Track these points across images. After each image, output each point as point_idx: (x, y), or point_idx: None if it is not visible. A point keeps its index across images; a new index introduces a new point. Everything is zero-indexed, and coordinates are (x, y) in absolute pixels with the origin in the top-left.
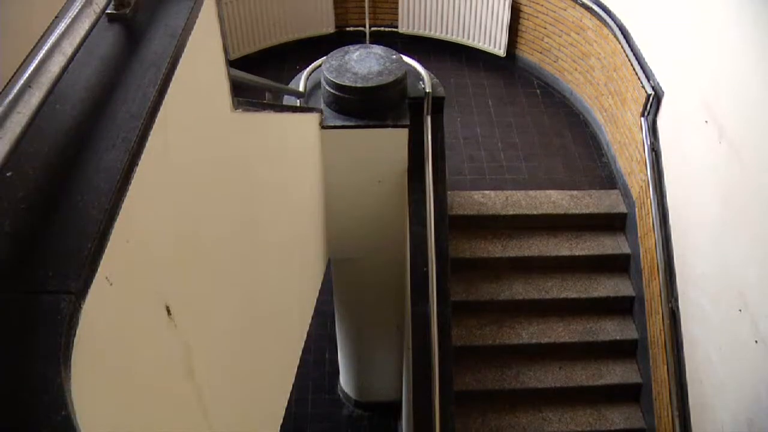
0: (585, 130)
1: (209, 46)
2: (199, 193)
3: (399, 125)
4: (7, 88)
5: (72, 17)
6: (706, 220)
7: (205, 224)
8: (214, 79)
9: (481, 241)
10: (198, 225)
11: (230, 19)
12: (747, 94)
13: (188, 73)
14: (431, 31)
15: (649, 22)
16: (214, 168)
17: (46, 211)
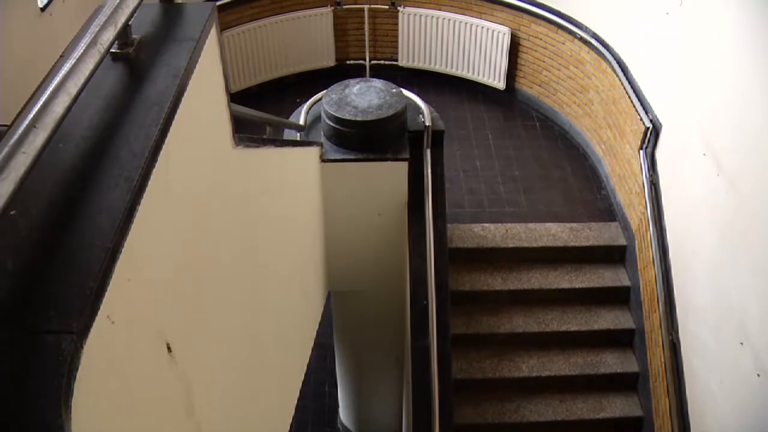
0: (584, 163)
1: (211, 85)
2: (199, 230)
3: (399, 158)
4: (13, 128)
5: (77, 57)
6: (705, 252)
7: (206, 260)
8: (216, 117)
9: (481, 274)
10: (198, 261)
11: (231, 52)
12: (744, 127)
13: (190, 112)
14: (431, 64)
15: (647, 55)
16: (215, 204)
17: (49, 249)
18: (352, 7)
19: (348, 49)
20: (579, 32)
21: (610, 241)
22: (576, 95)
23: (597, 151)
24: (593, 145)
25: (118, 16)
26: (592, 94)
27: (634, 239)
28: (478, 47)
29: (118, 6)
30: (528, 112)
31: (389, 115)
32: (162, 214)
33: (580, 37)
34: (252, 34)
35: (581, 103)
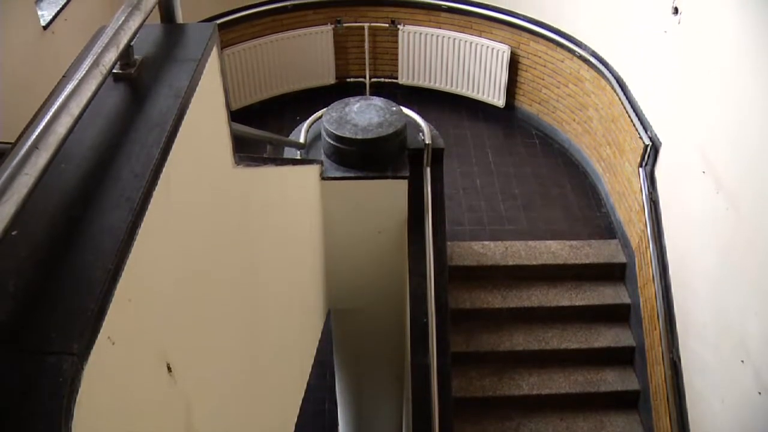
0: (584, 180)
1: (212, 105)
2: (200, 249)
3: (399, 176)
4: (15, 149)
5: (79, 78)
6: (705, 269)
7: (206, 279)
8: (217, 137)
9: (480, 292)
10: (199, 280)
11: (232, 70)
12: (743, 144)
13: (191, 132)
14: (431, 82)
15: (646, 73)
16: (215, 223)
17: (50, 270)
18: (353, 25)
19: (348, 66)
20: (578, 50)
21: (610, 258)
22: (575, 113)
23: (597, 169)
24: (593, 162)
25: (120, 38)
26: (592, 111)
27: (634, 257)
28: (477, 65)
29: (120, 27)
30: (528, 129)
31: (389, 133)
32: (163, 234)
33: (579, 55)
34: (253, 52)
35: (581, 121)
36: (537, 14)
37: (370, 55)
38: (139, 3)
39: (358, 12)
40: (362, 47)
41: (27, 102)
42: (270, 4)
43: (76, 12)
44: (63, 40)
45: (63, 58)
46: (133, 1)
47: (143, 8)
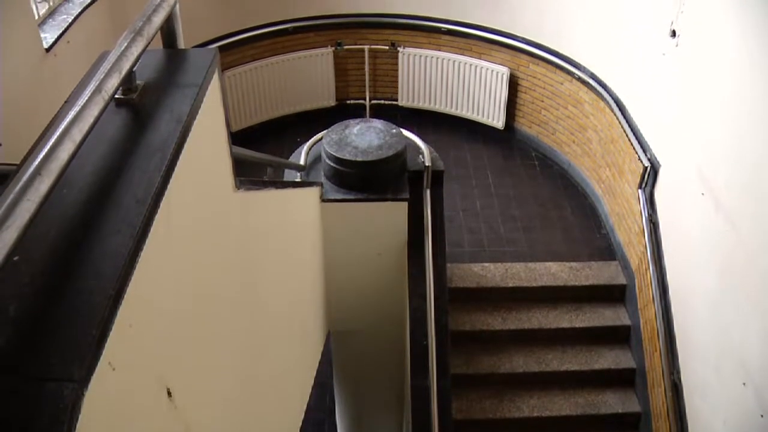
0: (584, 202)
1: (213, 130)
2: (200, 273)
3: (399, 199)
4: (18, 175)
5: (82, 104)
6: (705, 291)
7: (206, 303)
8: (218, 162)
9: (480, 314)
10: (199, 303)
11: (232, 91)
12: (742, 166)
13: (192, 158)
14: (430, 104)
15: (645, 95)
16: (216, 247)
17: (52, 296)
18: (353, 47)
19: (348, 88)
20: (577, 72)
21: (610, 280)
22: (575, 134)
23: (596, 190)
24: (592, 184)
25: (122, 63)
26: (591, 133)
27: (634, 278)
28: (477, 87)
29: (122, 53)
30: (527, 151)
31: (389, 155)
32: (163, 260)
33: (578, 77)
34: (253, 74)
35: (580, 143)
36: (536, 36)
37: (371, 77)
38: (142, 29)
39: (359, 34)
40: (362, 69)
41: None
42: (271, 26)
43: (78, 35)
44: (65, 63)
45: (65, 79)
46: (136, 27)
47: (145, 34)
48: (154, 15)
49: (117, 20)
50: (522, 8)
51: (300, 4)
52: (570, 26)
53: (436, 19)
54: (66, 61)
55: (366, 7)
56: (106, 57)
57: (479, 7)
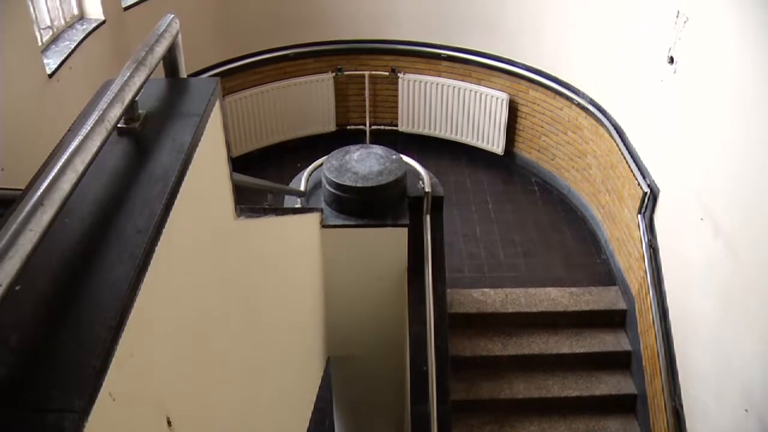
0: (583, 227)
1: (214, 159)
2: (201, 301)
3: (399, 224)
4: (21, 205)
5: (84, 134)
6: (706, 316)
7: (206, 330)
8: (219, 190)
9: (481, 339)
10: (199, 332)
11: (233, 116)
12: (741, 191)
13: (194, 187)
14: (430, 129)
15: (644, 121)
16: (216, 276)
17: (53, 326)
18: (353, 73)
19: (348, 114)
20: (576, 98)
21: (610, 305)
22: (574, 160)
23: (596, 215)
24: (592, 209)
25: (125, 93)
26: (590, 158)
27: (634, 303)
28: (477, 113)
29: (125, 83)
30: (527, 176)
31: (389, 181)
32: (164, 289)
33: (577, 102)
34: (254, 99)
35: (580, 168)
36: (535, 63)
37: (371, 102)
38: (144, 59)
39: (359, 60)
40: (363, 95)
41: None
42: (272, 52)
43: (80, 60)
44: (67, 88)
45: (67, 105)
46: (139, 57)
47: (148, 64)
48: (157, 45)
49: (119, 46)
50: (521, 35)
51: (300, 30)
52: (569, 52)
53: (435, 46)
54: (68, 87)
55: (366, 33)
56: (109, 87)
57: (479, 34)
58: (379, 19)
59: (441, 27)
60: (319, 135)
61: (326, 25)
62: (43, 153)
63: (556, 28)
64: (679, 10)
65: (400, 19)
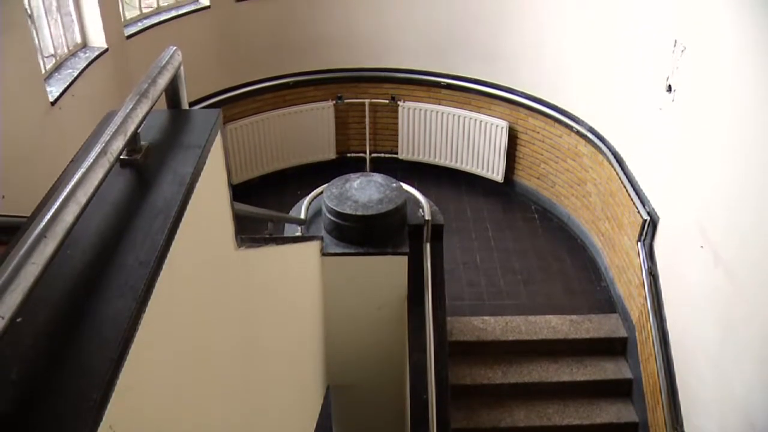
0: (583, 254)
1: (215, 190)
2: (201, 332)
3: (399, 252)
4: (23, 237)
5: (87, 167)
6: (707, 343)
7: (206, 361)
8: (219, 222)
9: (481, 368)
10: (199, 362)
11: (234, 144)
12: (740, 219)
13: (195, 219)
14: (430, 157)
15: (643, 149)
16: (217, 306)
17: (54, 359)
18: (353, 101)
19: (349, 142)
20: (576, 126)
21: (610, 333)
22: (574, 187)
23: (596, 243)
24: (592, 236)
25: (128, 126)
26: (590, 186)
27: (635, 331)
28: (476, 140)
29: (128, 116)
30: (527, 204)
31: (389, 209)
32: (165, 321)
33: (576, 130)
34: (255, 127)
35: (579, 195)
36: (534, 91)
37: (371, 130)
38: (147, 91)
39: (359, 88)
40: (363, 123)
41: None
42: (272, 80)
43: (82, 88)
44: (69, 116)
45: (69, 132)
46: (141, 89)
47: (150, 96)
48: (159, 77)
49: (121, 74)
50: (521, 63)
51: (301, 58)
52: (568, 80)
53: (435, 74)
54: (70, 114)
55: (366, 61)
56: (112, 118)
57: (478, 62)
58: (379, 48)
59: (441, 55)
60: (319, 162)
61: (326, 54)
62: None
63: (555, 57)
64: (676, 40)
65: (399, 47)
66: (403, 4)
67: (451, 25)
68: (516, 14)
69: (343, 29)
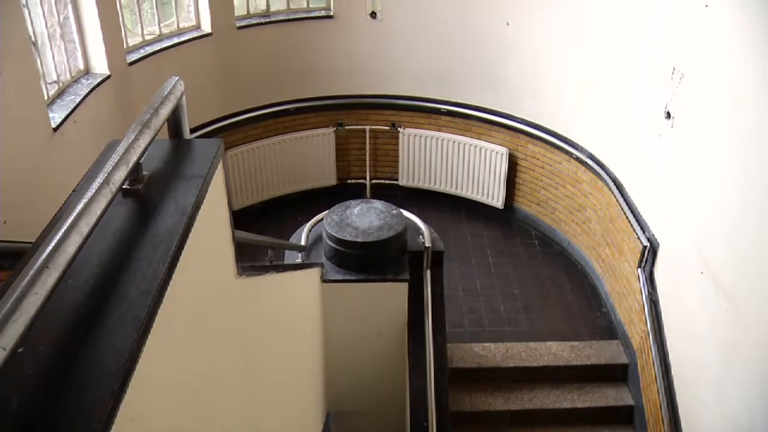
0: (583, 281)
1: (216, 220)
2: (202, 360)
3: (399, 279)
4: (26, 268)
5: (90, 197)
6: (708, 369)
7: (207, 388)
8: (220, 251)
9: (481, 395)
10: (200, 391)
11: (235, 170)
12: (739, 245)
13: (196, 248)
14: (431, 184)
15: (642, 175)
16: (217, 334)
17: (55, 389)
18: (354, 128)
19: (349, 168)
20: (575, 152)
21: (611, 359)
22: (574, 213)
23: (596, 269)
24: (592, 262)
25: (130, 156)
26: (590, 212)
27: (636, 357)
28: (476, 167)
29: (130, 146)
30: (527, 230)
31: (389, 236)
32: (166, 351)
33: (576, 157)
34: (255, 153)
35: (579, 222)
36: (534, 117)
37: (371, 157)
38: (149, 121)
39: (360, 115)
40: (363, 149)
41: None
42: (273, 107)
43: (84, 114)
44: (71, 142)
45: (71, 158)
46: (144, 119)
47: (153, 126)
48: (162, 107)
49: (123, 100)
50: (520, 90)
51: (302, 85)
52: (567, 107)
53: (435, 101)
54: (72, 140)
55: (367, 88)
56: (114, 148)
57: (478, 89)
58: (380, 75)
59: (441, 82)
60: (319, 189)
61: (327, 81)
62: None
63: (554, 84)
64: (674, 67)
65: (400, 74)
66: (404, 33)
67: (451, 54)
68: (515, 43)
69: (343, 56)
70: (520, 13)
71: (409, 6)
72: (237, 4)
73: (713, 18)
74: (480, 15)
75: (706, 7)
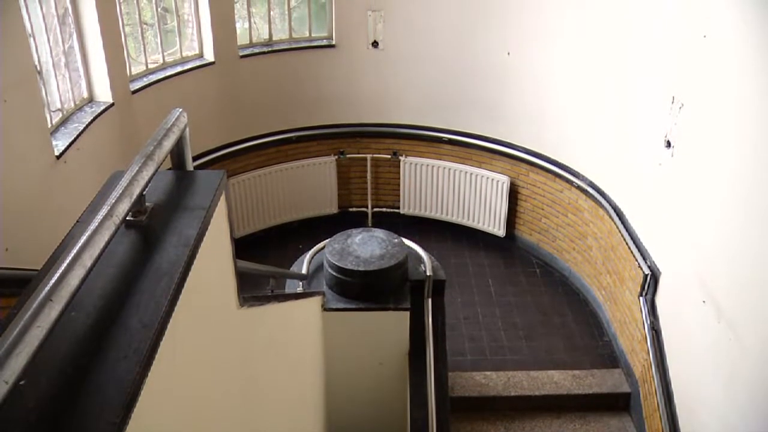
0: (585, 309)
1: (219, 251)
2: (203, 391)
3: (400, 308)
4: (29, 301)
5: (93, 229)
6: (712, 400)
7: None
8: (222, 282)
9: (483, 424)
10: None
11: (236, 198)
12: (741, 274)
13: (199, 280)
14: (432, 212)
15: (643, 203)
16: (218, 365)
17: (57, 422)
18: (355, 156)
19: (351, 196)
20: (576, 181)
21: (613, 388)
22: (575, 242)
23: (597, 297)
24: (593, 291)
25: (133, 188)
26: (591, 240)
27: (638, 386)
28: (478, 195)
29: (134, 178)
30: (528, 258)
31: (391, 265)
32: (168, 383)
33: (577, 185)
34: (257, 181)
35: (580, 250)
36: (535, 146)
37: (373, 185)
38: (153, 153)
39: (361, 143)
40: (365, 178)
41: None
42: (275, 135)
43: (88, 142)
44: (74, 169)
45: (74, 186)
46: (147, 151)
47: (156, 158)
48: (165, 139)
49: (126, 128)
50: (521, 119)
51: (303, 114)
52: (568, 136)
53: (437, 129)
54: (75, 168)
55: (368, 117)
56: (118, 180)
57: (479, 118)
58: (381, 104)
59: (442, 111)
60: (321, 217)
61: (328, 109)
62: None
63: (555, 112)
64: (674, 96)
65: (401, 103)
66: (405, 62)
67: (452, 83)
68: (516, 72)
69: (345, 85)
70: (521, 43)
71: (411, 36)
72: (240, 33)
73: (711, 48)
74: (481, 45)
75: (704, 37)
